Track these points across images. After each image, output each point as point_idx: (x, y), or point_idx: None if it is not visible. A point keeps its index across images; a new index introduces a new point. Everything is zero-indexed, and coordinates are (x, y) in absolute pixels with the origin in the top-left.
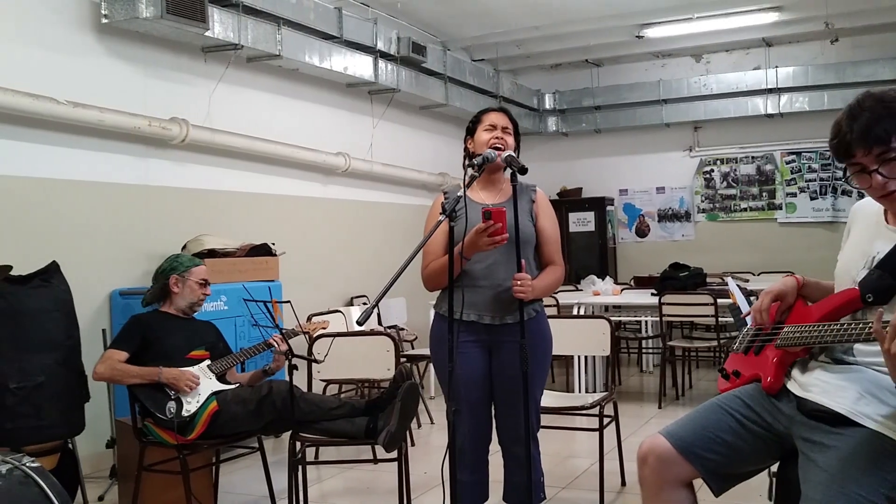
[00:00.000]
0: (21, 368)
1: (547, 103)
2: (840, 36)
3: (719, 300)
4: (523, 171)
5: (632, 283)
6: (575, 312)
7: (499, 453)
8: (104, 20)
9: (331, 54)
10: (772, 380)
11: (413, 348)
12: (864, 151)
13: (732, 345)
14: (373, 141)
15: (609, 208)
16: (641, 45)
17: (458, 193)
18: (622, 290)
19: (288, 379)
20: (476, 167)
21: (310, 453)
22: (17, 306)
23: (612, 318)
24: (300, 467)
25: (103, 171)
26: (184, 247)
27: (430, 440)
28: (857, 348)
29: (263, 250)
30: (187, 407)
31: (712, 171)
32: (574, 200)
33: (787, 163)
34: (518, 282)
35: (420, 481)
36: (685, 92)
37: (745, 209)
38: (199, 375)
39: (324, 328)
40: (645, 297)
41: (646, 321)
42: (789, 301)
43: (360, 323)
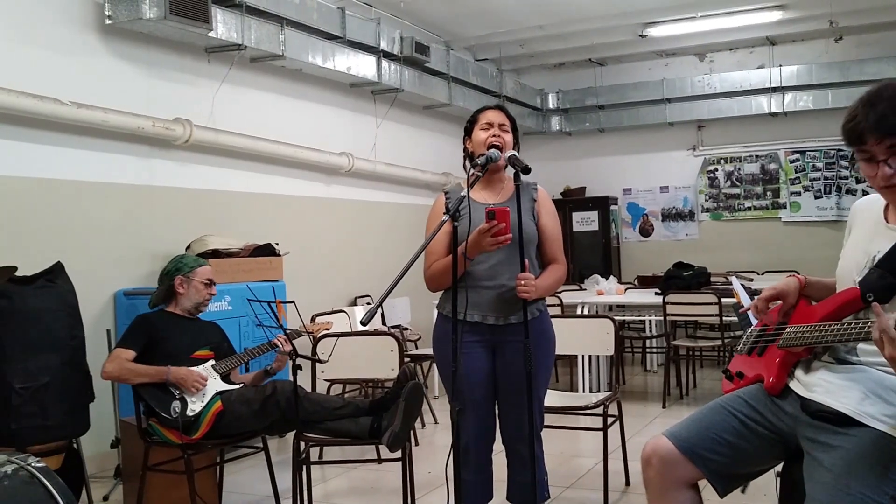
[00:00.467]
0: (26, 369)
1: (550, 103)
2: (844, 34)
3: (723, 299)
4: (526, 171)
5: (636, 283)
6: (579, 312)
7: (502, 453)
8: (108, 21)
9: (334, 54)
10: (774, 380)
11: (417, 348)
12: (876, 140)
13: (737, 346)
14: (376, 141)
15: (613, 207)
16: (645, 44)
17: (461, 193)
18: (626, 290)
19: (292, 379)
20: (480, 167)
21: (314, 453)
22: (22, 307)
23: (616, 318)
24: (304, 467)
25: (107, 172)
26: (188, 247)
27: (434, 440)
28: (861, 348)
29: (267, 250)
30: (192, 406)
31: (716, 170)
32: (578, 200)
33: (792, 162)
34: (522, 282)
35: (424, 481)
36: (689, 91)
37: (749, 208)
38: (206, 376)
39: (327, 328)
40: (649, 297)
41: (650, 320)
42: (791, 301)
43: (364, 323)
